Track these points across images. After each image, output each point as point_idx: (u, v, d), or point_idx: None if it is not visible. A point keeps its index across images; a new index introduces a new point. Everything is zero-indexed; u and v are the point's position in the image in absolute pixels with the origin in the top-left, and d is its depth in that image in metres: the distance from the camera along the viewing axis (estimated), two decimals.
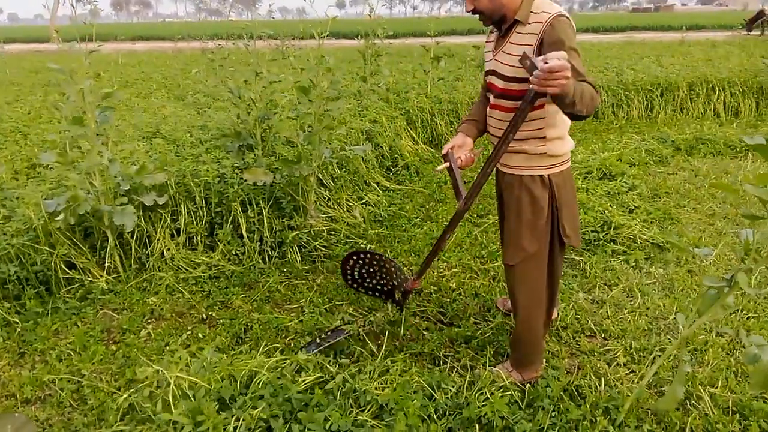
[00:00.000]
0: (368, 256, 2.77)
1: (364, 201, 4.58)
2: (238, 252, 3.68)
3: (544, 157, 2.11)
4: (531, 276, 2.24)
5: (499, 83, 2.10)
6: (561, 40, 1.87)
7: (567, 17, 1.92)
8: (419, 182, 5.34)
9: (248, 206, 3.79)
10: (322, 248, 3.82)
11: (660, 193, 4.71)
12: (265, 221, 3.76)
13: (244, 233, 3.71)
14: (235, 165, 3.97)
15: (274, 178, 3.74)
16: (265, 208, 3.80)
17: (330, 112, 3.53)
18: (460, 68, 9.07)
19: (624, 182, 4.70)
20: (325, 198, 4.29)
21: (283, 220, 3.84)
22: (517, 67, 1.96)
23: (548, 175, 2.13)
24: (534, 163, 2.13)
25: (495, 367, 2.50)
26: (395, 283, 2.79)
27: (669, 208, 4.35)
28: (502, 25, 2.08)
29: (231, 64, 5.31)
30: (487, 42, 2.27)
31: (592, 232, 3.84)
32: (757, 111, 7.89)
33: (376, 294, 2.93)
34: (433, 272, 3.51)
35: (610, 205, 4.21)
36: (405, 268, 3.56)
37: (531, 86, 1.78)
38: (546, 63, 1.67)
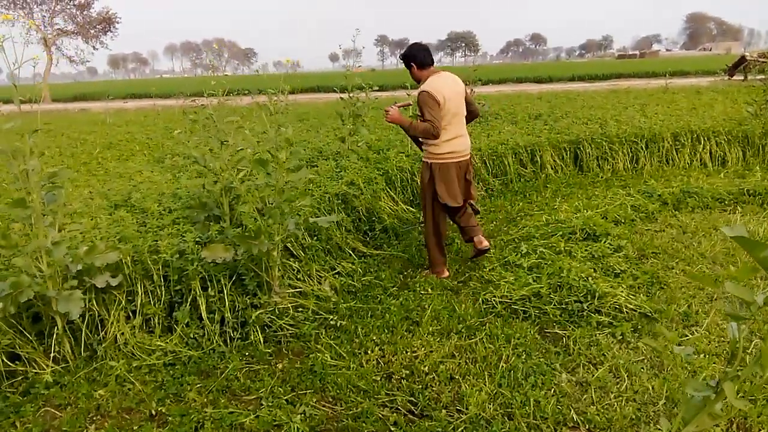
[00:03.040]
0: None
1: (336, 271, 4.36)
2: (196, 335, 3.43)
3: (427, 153, 4.18)
4: (427, 216, 4.33)
5: None
6: (419, 103, 3.97)
7: (426, 92, 3.92)
8: (398, 246, 5.13)
9: (209, 284, 3.57)
10: (288, 327, 3.57)
11: (647, 254, 4.50)
12: (226, 300, 3.53)
13: (204, 314, 3.47)
14: (197, 239, 3.76)
15: (236, 253, 3.53)
16: (227, 286, 3.58)
17: (291, 183, 3.36)
18: None
19: (609, 243, 4.49)
20: (294, 270, 4.06)
21: (246, 297, 3.61)
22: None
23: (430, 162, 4.16)
24: (424, 156, 4.25)
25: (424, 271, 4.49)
26: None
27: (657, 271, 4.15)
28: None
29: (214, 122, 5.16)
30: None
31: (576, 302, 3.62)
32: (744, 160, 7.72)
33: None
34: (407, 352, 3.26)
35: (594, 271, 3.99)
36: (377, 348, 3.31)
37: None
38: (387, 108, 4.21)
